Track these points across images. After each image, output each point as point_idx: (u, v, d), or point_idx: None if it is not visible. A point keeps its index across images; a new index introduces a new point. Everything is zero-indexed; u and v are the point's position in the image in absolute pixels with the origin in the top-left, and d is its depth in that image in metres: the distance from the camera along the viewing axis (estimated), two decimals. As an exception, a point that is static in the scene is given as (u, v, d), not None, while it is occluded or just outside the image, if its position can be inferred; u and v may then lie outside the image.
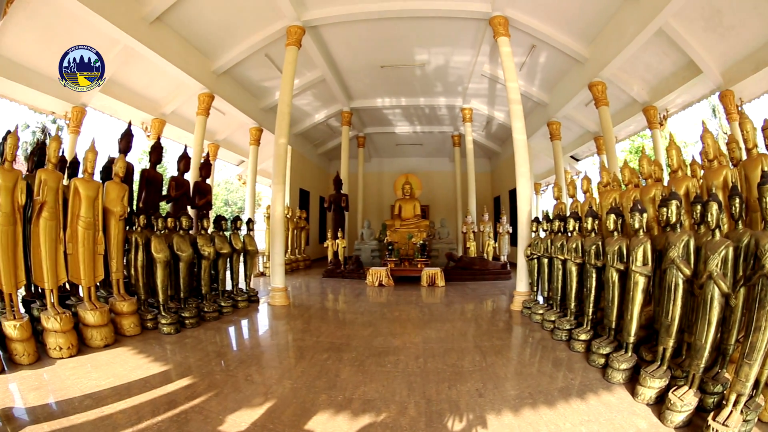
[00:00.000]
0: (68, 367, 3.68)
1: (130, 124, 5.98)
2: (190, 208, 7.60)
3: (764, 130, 3.34)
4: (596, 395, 3.15)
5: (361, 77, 11.25)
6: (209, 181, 8.70)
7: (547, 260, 5.53)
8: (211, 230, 6.39)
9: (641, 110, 9.49)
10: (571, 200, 5.97)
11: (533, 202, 12.05)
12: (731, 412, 2.44)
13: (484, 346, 4.53)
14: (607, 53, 7.66)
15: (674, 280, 3.13)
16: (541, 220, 6.10)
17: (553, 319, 5.02)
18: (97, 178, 4.97)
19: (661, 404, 2.83)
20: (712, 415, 2.48)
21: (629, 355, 3.50)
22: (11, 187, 3.90)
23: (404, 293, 8.22)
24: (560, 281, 5.09)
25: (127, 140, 5.73)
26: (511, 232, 11.83)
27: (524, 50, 8.73)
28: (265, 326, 5.86)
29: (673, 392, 2.75)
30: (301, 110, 12.91)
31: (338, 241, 11.11)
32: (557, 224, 5.37)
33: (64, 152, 4.95)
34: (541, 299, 5.94)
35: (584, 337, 4.27)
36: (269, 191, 14.25)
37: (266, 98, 11.63)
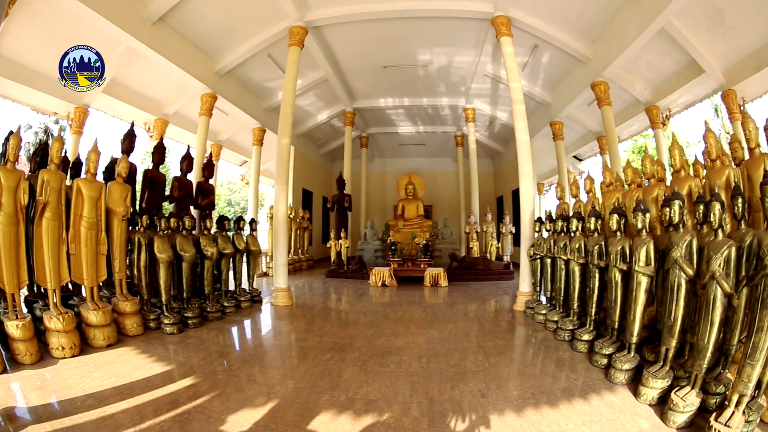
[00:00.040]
0: (70, 366, 3.69)
1: (132, 124, 6.01)
2: (193, 208, 7.64)
3: (767, 129, 3.33)
4: (599, 395, 3.15)
5: (363, 77, 11.24)
6: (212, 181, 8.71)
7: (550, 260, 5.52)
8: (214, 230, 6.41)
9: (644, 110, 9.46)
10: (573, 200, 5.96)
11: (536, 202, 11.98)
12: (733, 412, 2.43)
13: (487, 346, 4.53)
14: (609, 53, 7.65)
15: (677, 280, 3.12)
16: (544, 220, 6.08)
17: (555, 319, 5.02)
18: (100, 178, 5.01)
19: (663, 405, 2.82)
20: (714, 415, 2.47)
21: (632, 355, 3.49)
22: (14, 187, 3.93)
23: (407, 293, 8.21)
24: (563, 281, 5.09)
25: (129, 141, 5.77)
26: (514, 232, 11.82)
27: (527, 50, 8.71)
28: (267, 326, 5.86)
29: (675, 393, 2.74)
30: (304, 110, 12.91)
31: (341, 241, 11.12)
32: (560, 224, 5.36)
33: (66, 153, 4.97)
34: (544, 299, 5.94)
35: (587, 337, 4.26)
36: (272, 191, 14.26)
37: (269, 99, 11.63)
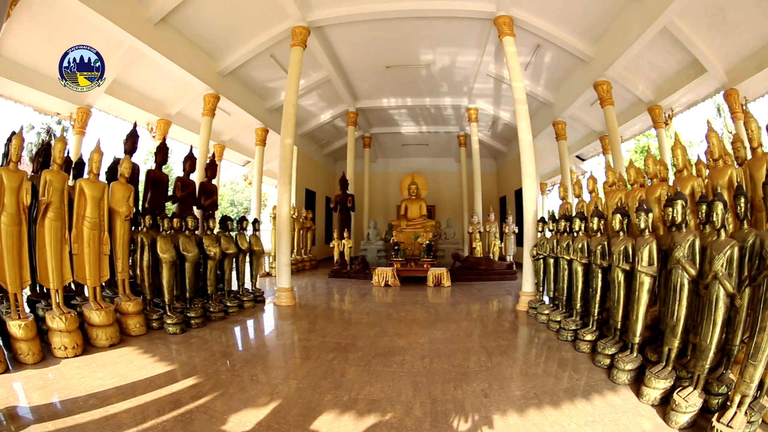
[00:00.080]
0: (73, 366, 3.70)
1: (135, 124, 6.04)
2: (195, 208, 7.65)
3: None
4: (601, 396, 3.14)
5: (366, 77, 11.25)
6: (215, 181, 8.72)
7: (552, 260, 5.52)
8: (216, 230, 6.42)
9: (646, 109, 9.42)
10: (576, 200, 5.95)
11: (539, 202, 11.99)
12: (735, 413, 2.42)
13: (489, 346, 4.53)
14: (612, 52, 7.63)
15: (680, 280, 3.11)
16: (546, 220, 6.07)
17: (558, 319, 5.01)
18: (102, 178, 5.02)
19: (665, 405, 2.82)
20: (716, 416, 2.46)
21: (634, 355, 3.49)
22: (16, 187, 3.94)
23: (410, 293, 8.21)
24: (566, 281, 5.08)
25: (132, 141, 5.78)
26: (516, 232, 11.79)
27: (529, 50, 8.70)
28: (270, 326, 5.87)
29: (677, 393, 2.73)
30: (306, 111, 12.93)
31: (344, 241, 11.11)
32: (563, 224, 5.35)
33: (69, 153, 4.99)
34: (546, 299, 5.93)
35: (590, 337, 4.25)
36: (275, 191, 14.30)
37: (272, 99, 11.64)
